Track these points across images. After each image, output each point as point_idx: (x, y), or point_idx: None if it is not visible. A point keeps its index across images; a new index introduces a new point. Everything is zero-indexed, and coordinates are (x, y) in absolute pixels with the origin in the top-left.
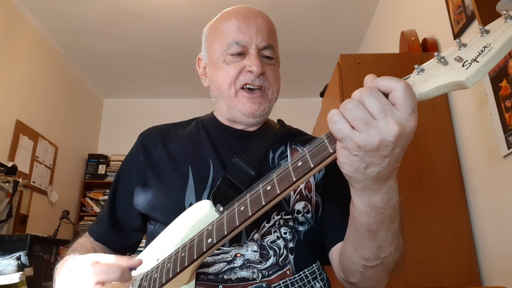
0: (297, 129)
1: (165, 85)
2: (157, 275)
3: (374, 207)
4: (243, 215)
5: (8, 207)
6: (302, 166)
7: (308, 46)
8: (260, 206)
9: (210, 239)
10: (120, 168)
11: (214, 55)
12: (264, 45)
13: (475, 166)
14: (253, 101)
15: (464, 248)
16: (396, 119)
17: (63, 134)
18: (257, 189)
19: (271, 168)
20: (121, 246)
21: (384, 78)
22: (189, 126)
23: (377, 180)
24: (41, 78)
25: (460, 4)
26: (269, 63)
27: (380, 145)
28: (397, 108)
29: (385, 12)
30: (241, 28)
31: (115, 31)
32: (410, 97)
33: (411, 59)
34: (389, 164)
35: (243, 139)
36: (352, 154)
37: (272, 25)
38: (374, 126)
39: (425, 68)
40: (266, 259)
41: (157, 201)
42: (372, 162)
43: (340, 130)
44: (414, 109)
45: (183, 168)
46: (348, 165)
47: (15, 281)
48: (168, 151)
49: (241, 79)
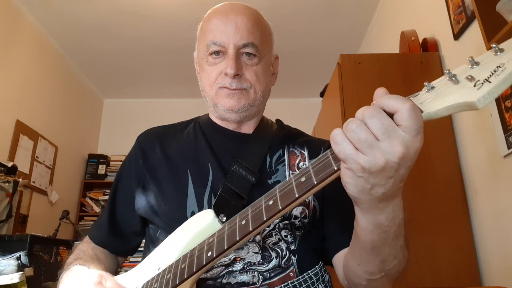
0: (295, 129)
1: (165, 85)
2: (157, 285)
3: (379, 225)
4: (244, 229)
5: (8, 207)
6: (305, 182)
7: (308, 46)
8: (261, 222)
9: (210, 252)
10: (119, 173)
11: (199, 56)
12: (243, 43)
13: (475, 166)
14: (231, 96)
15: (464, 248)
16: (400, 140)
17: (63, 134)
18: (259, 204)
19: (269, 174)
20: (122, 250)
21: (390, 98)
22: (187, 129)
23: (382, 199)
24: (41, 78)
25: (460, 4)
26: (250, 64)
27: (384, 167)
28: (402, 129)
29: (385, 12)
30: (218, 28)
31: (115, 31)
32: (416, 119)
33: (411, 59)
34: (394, 184)
35: (240, 142)
36: (357, 176)
37: (257, 21)
38: (378, 148)
39: (435, 85)
40: (268, 261)
41: (158, 208)
42: (377, 183)
43: (343, 151)
44: (419, 130)
45: (182, 173)
46: (352, 185)
47: (15, 281)
48: (166, 156)
49: (219, 81)
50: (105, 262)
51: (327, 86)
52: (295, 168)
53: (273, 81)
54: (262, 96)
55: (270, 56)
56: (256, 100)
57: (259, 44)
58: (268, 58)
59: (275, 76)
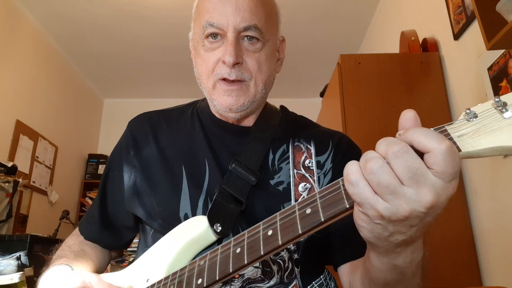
0: (302, 117)
1: (165, 85)
2: None
3: (394, 267)
4: (238, 261)
5: (8, 207)
6: (310, 217)
7: (308, 46)
8: (257, 256)
9: (201, 280)
10: (108, 162)
11: (195, 39)
12: (245, 26)
13: (475, 166)
14: (229, 93)
15: (464, 248)
16: (430, 187)
17: (63, 134)
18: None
19: (272, 173)
20: (114, 244)
21: (422, 133)
22: (183, 116)
23: (401, 245)
24: (41, 78)
25: (460, 4)
26: (252, 50)
27: (408, 216)
28: (433, 173)
29: (385, 12)
30: (216, 7)
31: (115, 31)
32: (452, 164)
33: (411, 59)
34: (417, 231)
35: (240, 137)
36: (374, 222)
37: (261, 2)
38: (402, 195)
39: (479, 114)
40: (269, 277)
41: (151, 208)
42: (397, 231)
43: (359, 194)
44: (455, 175)
45: (176, 170)
46: (367, 230)
47: (15, 281)
48: (159, 148)
49: (218, 71)
50: (93, 258)
51: (327, 86)
52: (300, 167)
53: (279, 67)
54: (264, 88)
55: (275, 40)
56: (257, 94)
57: (263, 26)
58: (273, 43)
59: (281, 62)
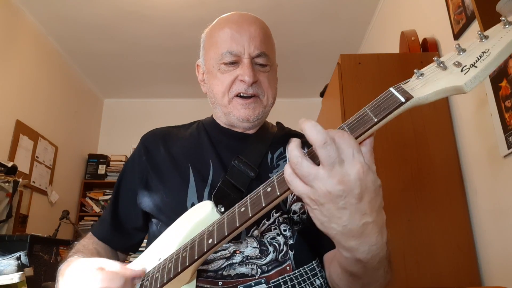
0: (295, 131)
1: (165, 85)
2: (158, 275)
3: (357, 260)
4: (244, 216)
5: (8, 207)
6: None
7: (308, 46)
8: (260, 208)
9: (211, 240)
10: (123, 170)
11: (210, 64)
12: (257, 53)
13: (475, 166)
14: (247, 106)
15: (464, 248)
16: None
17: (63, 134)
18: (257, 191)
19: (270, 168)
20: (124, 245)
21: (293, 141)
22: (190, 129)
23: (349, 235)
24: (41, 78)
25: (460, 4)
26: (262, 71)
27: (329, 195)
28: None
29: (385, 12)
30: (234, 37)
31: (115, 31)
32: (314, 130)
33: (411, 59)
34: (352, 217)
35: (242, 141)
36: (312, 209)
37: (266, 31)
38: (320, 179)
39: (424, 72)
40: (265, 255)
41: (160, 201)
42: (332, 215)
43: (295, 188)
44: (327, 142)
45: (184, 168)
46: (315, 219)
47: (15, 281)
48: (169, 153)
49: (234, 88)
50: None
51: (327, 86)
52: None
53: None
54: (272, 101)
55: (275, 62)
56: (268, 106)
57: (269, 53)
58: (275, 66)
59: None
